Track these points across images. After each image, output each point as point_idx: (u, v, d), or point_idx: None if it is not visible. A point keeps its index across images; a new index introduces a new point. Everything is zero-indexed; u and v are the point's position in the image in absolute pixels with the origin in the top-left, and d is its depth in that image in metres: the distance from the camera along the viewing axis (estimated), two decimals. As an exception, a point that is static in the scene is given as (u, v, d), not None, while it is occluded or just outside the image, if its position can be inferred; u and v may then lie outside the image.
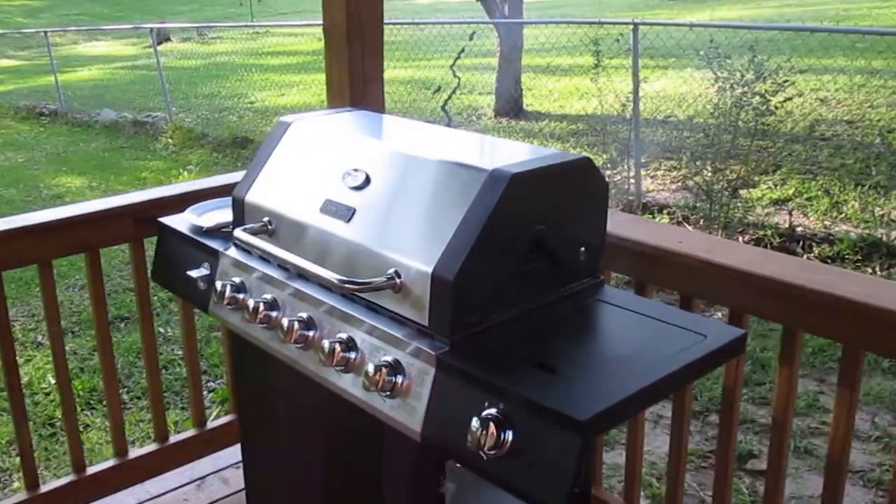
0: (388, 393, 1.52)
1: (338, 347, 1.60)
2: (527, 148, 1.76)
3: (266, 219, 1.86)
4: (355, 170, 1.73)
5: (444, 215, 1.54)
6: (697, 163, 8.15)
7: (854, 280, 1.77)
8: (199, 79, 15.02)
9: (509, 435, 1.32)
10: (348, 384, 1.61)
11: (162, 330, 5.05)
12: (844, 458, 1.83)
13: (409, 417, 1.49)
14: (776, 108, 6.31)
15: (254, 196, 1.91)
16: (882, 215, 6.47)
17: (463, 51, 7.63)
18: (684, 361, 1.44)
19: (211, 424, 2.80)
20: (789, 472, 3.65)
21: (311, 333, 1.70)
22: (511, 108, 10.81)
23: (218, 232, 2.04)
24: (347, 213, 1.68)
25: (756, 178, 7.43)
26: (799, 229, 6.20)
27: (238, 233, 1.80)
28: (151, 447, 2.68)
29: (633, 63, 7.14)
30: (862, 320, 1.71)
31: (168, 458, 2.69)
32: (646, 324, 1.58)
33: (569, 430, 1.26)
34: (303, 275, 1.75)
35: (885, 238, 5.74)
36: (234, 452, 2.79)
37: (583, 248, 1.69)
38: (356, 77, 2.68)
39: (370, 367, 1.52)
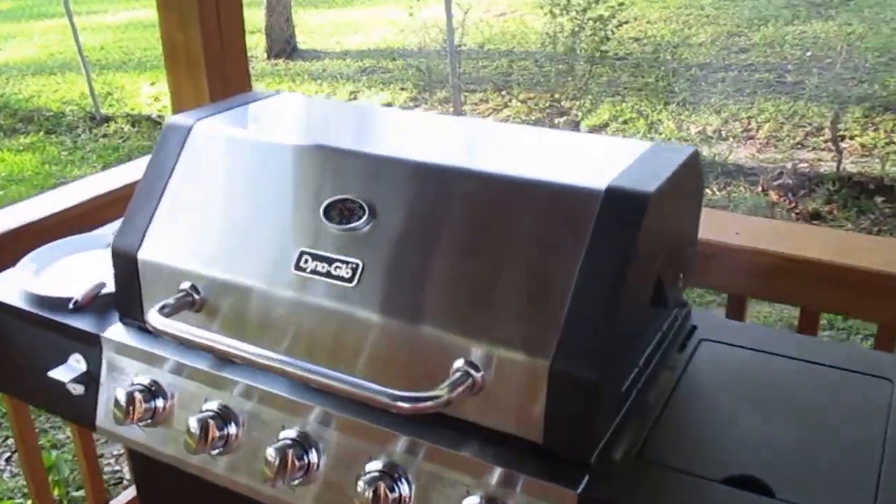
0: (485, 555, 1.00)
1: (383, 487, 1.04)
2: (606, 142, 1.25)
3: (186, 285, 1.21)
4: (345, 199, 1.13)
5: (534, 265, 1.01)
6: (503, 93, 7.96)
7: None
8: None
9: None
10: (403, 543, 1.06)
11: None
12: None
13: (533, 590, 0.99)
14: (612, 33, 6.16)
15: (154, 250, 1.24)
16: (699, 132, 6.63)
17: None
18: (911, 432, 1.05)
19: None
20: None
21: (313, 460, 1.12)
22: (284, 47, 9.97)
23: (91, 303, 1.34)
24: (349, 272, 1.09)
25: (567, 105, 7.36)
26: (629, 156, 6.17)
27: (156, 320, 1.13)
28: None
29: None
30: None
31: None
32: (800, 370, 1.18)
33: None
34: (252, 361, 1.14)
35: (717, 158, 5.84)
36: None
37: (681, 274, 1.24)
38: (211, 40, 1.99)
39: (457, 524, 0.99)
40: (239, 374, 1.18)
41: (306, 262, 1.12)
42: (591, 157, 1.17)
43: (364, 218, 1.11)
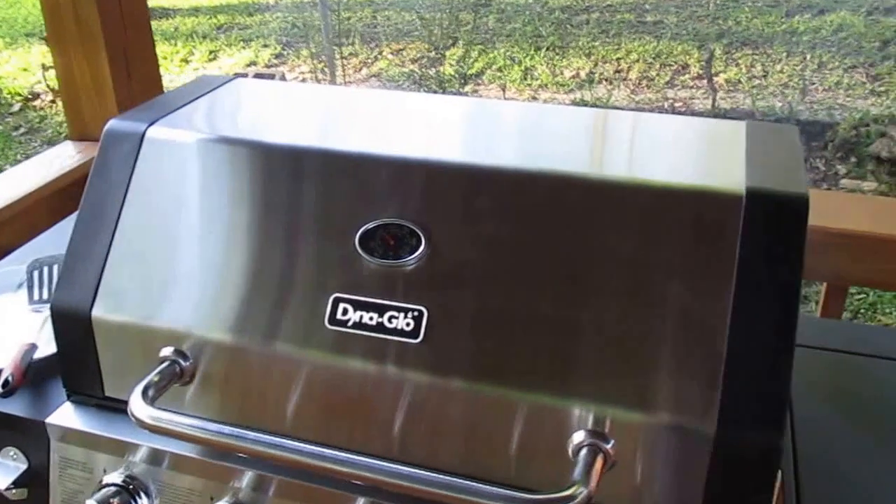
0: None
1: None
2: (687, 125, 0.99)
3: (169, 351, 0.87)
4: (388, 224, 0.83)
5: (665, 298, 0.76)
6: (372, 45, 7.56)
7: None
8: None
9: None
10: None
11: None
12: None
13: None
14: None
15: (114, 306, 0.89)
16: (573, 76, 6.50)
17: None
18: None
19: None
20: None
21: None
22: (129, 6, 9.07)
23: (25, 377, 0.98)
24: (410, 323, 0.80)
25: (439, 55, 7.06)
26: (511, 104, 5.99)
27: (142, 411, 0.80)
28: None
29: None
30: None
31: None
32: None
33: None
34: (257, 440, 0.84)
35: (599, 102, 5.73)
36: None
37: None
38: (108, 5, 1.58)
39: None
40: (246, 461, 0.87)
41: (345, 312, 0.82)
42: (688, 147, 0.91)
43: (420, 248, 0.81)
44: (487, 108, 1.07)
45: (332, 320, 0.82)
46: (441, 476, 0.71)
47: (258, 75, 6.96)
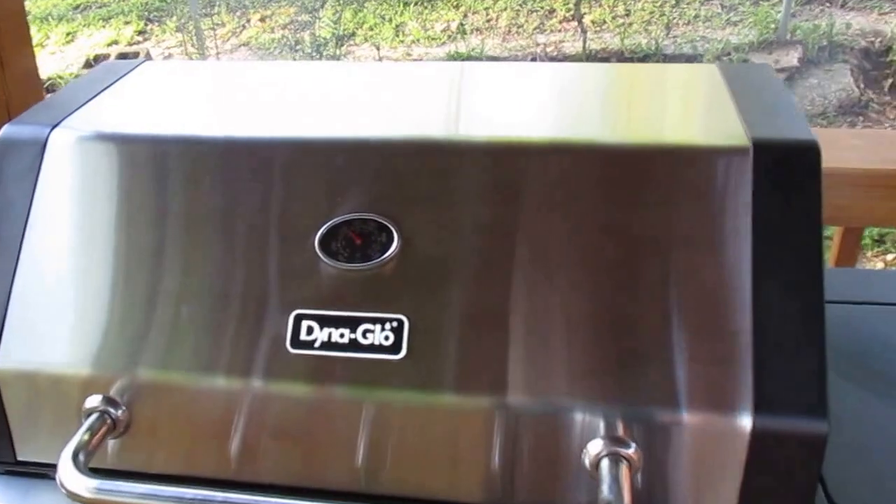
0: None
1: None
2: (655, 73, 0.86)
3: (96, 401, 0.70)
4: (352, 220, 0.67)
5: (674, 272, 0.64)
6: (238, 14, 7.13)
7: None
8: None
9: None
10: None
11: None
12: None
13: None
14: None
15: (23, 355, 0.70)
16: (444, 29, 6.34)
17: None
18: None
19: None
20: None
21: None
22: (-30, -8, 8.20)
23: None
24: (389, 336, 0.65)
25: (306, 18, 6.73)
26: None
27: (76, 483, 0.62)
28: None
29: None
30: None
31: None
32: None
33: None
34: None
35: (475, 52, 5.60)
36: None
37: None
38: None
39: None
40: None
41: (311, 331, 0.66)
42: (668, 100, 0.80)
43: (392, 246, 0.67)
44: (430, 73, 0.91)
45: (296, 343, 0.66)
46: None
47: (121, 55, 6.44)
